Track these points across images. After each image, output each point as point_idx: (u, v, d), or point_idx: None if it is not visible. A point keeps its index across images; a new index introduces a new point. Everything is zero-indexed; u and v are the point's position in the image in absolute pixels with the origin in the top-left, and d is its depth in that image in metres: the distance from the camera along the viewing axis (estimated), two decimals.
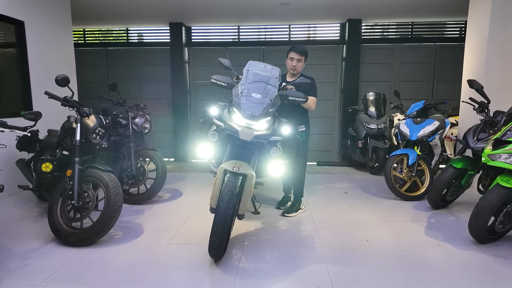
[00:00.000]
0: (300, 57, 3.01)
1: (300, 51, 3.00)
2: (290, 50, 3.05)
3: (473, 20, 4.32)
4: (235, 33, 6.41)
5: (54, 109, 3.44)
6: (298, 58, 3.00)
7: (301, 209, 3.36)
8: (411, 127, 3.87)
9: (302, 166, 3.25)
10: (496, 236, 2.64)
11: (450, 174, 3.19)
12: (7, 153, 3.63)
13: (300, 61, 3.02)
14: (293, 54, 3.02)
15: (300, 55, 3.00)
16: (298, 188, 3.32)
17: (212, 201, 2.24)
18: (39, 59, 4.23)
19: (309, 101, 2.94)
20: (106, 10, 5.50)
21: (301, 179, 3.29)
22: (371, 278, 2.12)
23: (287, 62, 3.08)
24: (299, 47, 3.02)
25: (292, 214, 3.26)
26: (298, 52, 3.00)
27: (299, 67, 3.04)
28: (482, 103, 3.15)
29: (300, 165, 3.22)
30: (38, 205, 3.50)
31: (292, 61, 3.03)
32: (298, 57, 3.00)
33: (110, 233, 2.69)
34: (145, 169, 3.58)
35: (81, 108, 2.70)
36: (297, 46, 3.03)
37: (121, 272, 2.17)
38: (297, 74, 3.12)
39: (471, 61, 4.32)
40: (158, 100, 6.41)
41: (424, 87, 6.16)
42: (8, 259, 2.32)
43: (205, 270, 2.20)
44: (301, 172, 3.26)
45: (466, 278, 2.13)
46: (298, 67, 3.03)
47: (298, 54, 3.00)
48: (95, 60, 6.52)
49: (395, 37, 6.30)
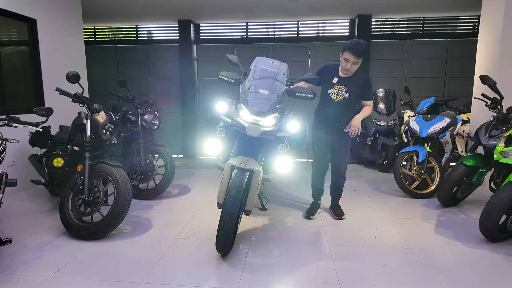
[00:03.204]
0: (357, 60, 2.63)
1: (358, 54, 2.60)
2: (347, 49, 2.63)
3: (486, 14, 4.22)
4: (243, 29, 6.40)
5: (65, 106, 3.51)
6: (354, 61, 2.64)
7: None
8: (421, 124, 3.81)
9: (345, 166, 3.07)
10: (508, 234, 2.59)
11: (461, 172, 3.13)
12: (20, 149, 3.72)
13: (357, 63, 2.67)
14: (349, 55, 2.62)
15: (358, 57, 2.62)
16: (340, 189, 3.16)
17: (220, 197, 2.25)
18: (50, 57, 4.31)
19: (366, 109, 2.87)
20: (116, 8, 5.56)
21: (344, 180, 3.12)
22: (379, 275, 2.11)
23: (341, 61, 2.74)
24: (357, 49, 2.59)
25: (344, 216, 3.10)
26: (356, 55, 2.61)
27: (354, 69, 2.73)
28: (495, 100, 3.08)
29: (345, 166, 3.06)
30: (50, 200, 3.58)
31: (347, 62, 2.67)
32: (355, 60, 2.63)
33: (120, 228, 2.73)
34: (154, 165, 3.62)
35: (91, 105, 2.74)
36: (355, 48, 2.59)
37: (130, 266, 2.20)
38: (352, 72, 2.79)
39: (484, 57, 4.22)
40: (167, 97, 6.46)
41: (435, 83, 6.05)
42: (21, 251, 2.39)
43: (213, 265, 2.22)
44: (344, 172, 3.08)
45: (476, 277, 2.10)
46: (353, 69, 2.72)
47: (355, 57, 2.61)
48: (105, 57, 6.60)
49: (406, 32, 6.19)
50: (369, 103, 2.93)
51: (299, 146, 2.83)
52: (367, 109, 2.90)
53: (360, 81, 2.81)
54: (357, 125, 2.77)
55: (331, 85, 2.83)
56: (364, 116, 2.86)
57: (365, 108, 2.90)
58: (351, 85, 2.79)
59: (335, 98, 2.82)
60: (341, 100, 2.81)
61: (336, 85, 2.81)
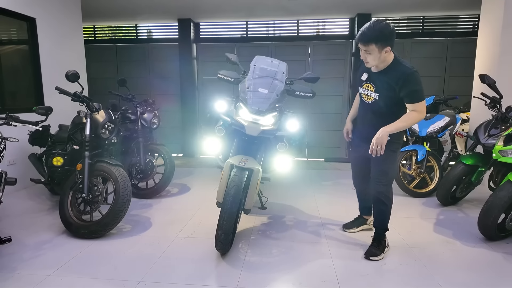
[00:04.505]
0: (366, 47, 2.04)
1: (364, 40, 2.03)
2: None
3: (486, 13, 4.22)
4: (243, 28, 6.39)
5: (65, 105, 3.51)
6: (364, 49, 2.07)
7: (387, 246, 2.40)
8: (420, 123, 3.81)
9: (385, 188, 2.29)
10: (506, 233, 2.60)
11: (460, 171, 3.14)
12: (20, 148, 3.72)
13: (368, 52, 2.05)
14: (359, 45, 2.09)
15: (365, 44, 2.03)
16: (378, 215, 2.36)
17: (219, 196, 2.26)
18: (50, 56, 4.31)
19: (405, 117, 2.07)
20: (115, 6, 5.55)
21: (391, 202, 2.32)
22: (378, 273, 2.11)
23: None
24: (362, 34, 2.03)
25: (378, 257, 2.29)
26: (362, 42, 2.05)
27: (372, 59, 2.08)
28: (494, 99, 3.09)
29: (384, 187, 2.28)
30: (50, 198, 3.59)
31: (362, 53, 2.12)
32: (363, 48, 2.06)
33: (119, 226, 2.74)
34: (153, 164, 3.62)
35: (90, 103, 2.75)
36: (361, 33, 2.04)
37: (129, 264, 2.21)
38: (384, 65, 2.12)
39: (484, 56, 4.22)
40: (166, 95, 6.45)
41: (435, 82, 6.05)
42: (21, 250, 2.39)
43: (212, 263, 2.22)
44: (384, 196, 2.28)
45: (475, 276, 2.10)
46: (369, 59, 2.09)
47: (362, 44, 2.05)
48: (104, 56, 6.60)
49: (406, 31, 6.19)
50: (411, 107, 2.08)
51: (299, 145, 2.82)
52: (406, 116, 2.09)
53: (393, 77, 2.07)
54: (379, 142, 2.04)
55: (361, 83, 2.30)
56: (399, 128, 2.08)
57: (405, 116, 2.09)
58: (382, 82, 2.14)
59: (366, 100, 2.27)
60: (372, 102, 2.21)
61: (365, 82, 2.26)
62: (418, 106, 2.06)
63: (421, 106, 2.06)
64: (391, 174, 2.32)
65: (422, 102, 2.06)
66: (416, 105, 2.07)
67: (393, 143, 2.19)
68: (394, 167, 2.39)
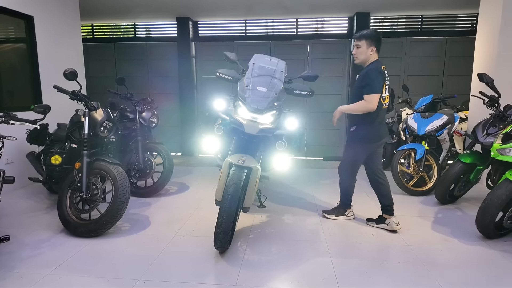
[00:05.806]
0: (358, 41, 2.63)
1: (357, 36, 2.65)
2: None
3: (484, 12, 4.22)
4: (242, 27, 6.39)
5: (63, 103, 3.50)
6: (355, 44, 2.65)
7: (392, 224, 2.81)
8: (419, 122, 3.82)
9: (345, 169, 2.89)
10: (504, 231, 2.61)
11: (459, 169, 3.15)
12: (18, 146, 3.71)
13: (358, 46, 2.63)
14: (354, 42, 2.68)
15: (358, 38, 2.63)
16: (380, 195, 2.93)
17: (218, 194, 2.26)
18: (48, 54, 4.29)
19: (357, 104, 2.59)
20: (113, 5, 5.53)
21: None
22: (376, 271, 2.12)
23: None
24: (357, 33, 2.68)
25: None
26: (356, 37, 2.65)
27: (359, 53, 2.65)
28: (492, 97, 3.10)
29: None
30: (48, 197, 3.58)
31: (354, 49, 2.70)
32: (356, 42, 2.65)
33: (118, 225, 2.73)
34: (152, 163, 3.62)
35: (89, 102, 2.74)
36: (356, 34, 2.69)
37: (128, 263, 2.21)
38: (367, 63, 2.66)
39: (482, 55, 4.23)
40: (165, 94, 6.45)
41: (433, 81, 6.06)
42: (20, 249, 2.39)
43: (211, 262, 2.22)
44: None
45: (473, 273, 2.11)
46: (357, 54, 2.66)
47: (356, 39, 2.65)
48: (103, 55, 6.58)
49: (405, 30, 6.20)
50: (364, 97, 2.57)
51: (298, 144, 2.82)
52: (357, 103, 2.61)
53: (361, 74, 2.64)
54: (334, 114, 2.73)
55: None
56: (350, 109, 2.67)
57: (357, 102, 2.62)
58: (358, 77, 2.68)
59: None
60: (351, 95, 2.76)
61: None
62: (367, 97, 2.54)
63: (369, 97, 2.53)
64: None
65: (372, 95, 2.52)
66: (366, 96, 2.55)
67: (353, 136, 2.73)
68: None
